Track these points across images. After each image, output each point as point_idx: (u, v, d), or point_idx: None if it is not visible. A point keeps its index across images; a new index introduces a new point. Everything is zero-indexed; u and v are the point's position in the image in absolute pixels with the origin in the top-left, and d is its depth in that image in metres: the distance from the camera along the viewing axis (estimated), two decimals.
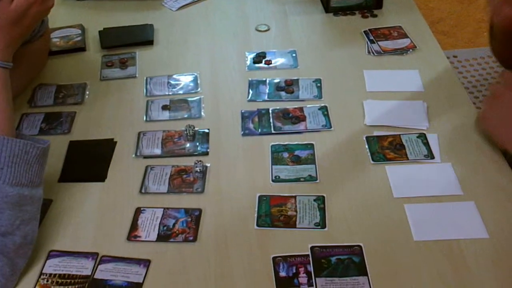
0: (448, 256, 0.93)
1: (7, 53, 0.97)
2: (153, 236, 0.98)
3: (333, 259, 0.93)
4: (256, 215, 1.01)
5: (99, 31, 1.50)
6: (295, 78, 1.32)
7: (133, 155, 1.14)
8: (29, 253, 0.92)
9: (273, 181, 1.08)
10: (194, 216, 1.01)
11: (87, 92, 1.31)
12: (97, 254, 0.95)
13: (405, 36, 1.44)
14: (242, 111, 1.24)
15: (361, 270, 0.91)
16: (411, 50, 1.39)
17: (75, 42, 1.47)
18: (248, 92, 1.29)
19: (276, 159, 1.12)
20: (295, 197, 1.04)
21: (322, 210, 1.01)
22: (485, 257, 0.93)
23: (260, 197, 1.04)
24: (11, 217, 0.88)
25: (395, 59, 1.37)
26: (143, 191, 1.07)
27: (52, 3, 1.06)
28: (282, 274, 0.91)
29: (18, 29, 0.99)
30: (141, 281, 0.91)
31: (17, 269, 0.90)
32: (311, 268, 0.92)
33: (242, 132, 1.19)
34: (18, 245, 0.89)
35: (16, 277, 0.91)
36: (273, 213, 1.01)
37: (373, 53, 1.39)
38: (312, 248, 0.95)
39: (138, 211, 1.03)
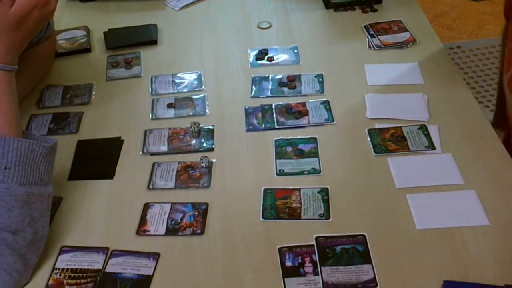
0: (450, 243, 0.96)
1: (9, 57, 0.99)
2: (162, 230, 1.01)
3: (338, 248, 0.95)
4: (261, 207, 1.04)
5: (104, 32, 1.52)
6: (297, 73, 1.34)
7: (140, 153, 1.17)
8: (40, 249, 0.95)
9: (277, 174, 1.10)
10: (201, 210, 1.04)
11: (94, 92, 1.34)
12: (107, 248, 0.98)
13: (405, 30, 1.46)
14: (246, 107, 1.26)
15: (365, 258, 0.93)
16: (411, 44, 1.41)
17: (81, 44, 1.50)
18: (251, 89, 1.31)
19: (280, 153, 1.14)
20: (299, 189, 1.06)
21: (326, 202, 1.04)
22: (486, 244, 0.95)
23: (265, 190, 1.07)
24: (21, 215, 0.91)
25: (395, 53, 1.40)
26: (150, 187, 1.09)
27: (53, 7, 1.07)
28: (288, 264, 0.94)
29: (20, 33, 1.00)
30: (151, 274, 0.94)
31: (29, 265, 0.93)
32: (316, 257, 0.94)
33: (246, 128, 1.21)
34: (29, 242, 0.92)
35: (29, 272, 0.93)
36: (278, 205, 1.04)
37: (373, 47, 1.41)
38: (317, 238, 0.97)
39: (147, 207, 1.05)
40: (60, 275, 0.94)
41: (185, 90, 1.33)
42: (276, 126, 1.21)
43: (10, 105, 0.97)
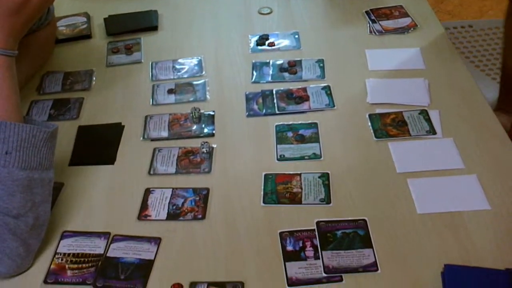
0: (451, 227, 0.96)
1: (9, 42, 0.98)
2: (163, 215, 1.01)
3: (339, 233, 0.95)
4: (262, 193, 1.04)
5: (104, 19, 1.52)
6: (298, 59, 1.34)
7: (141, 138, 1.17)
8: (42, 235, 0.95)
9: (278, 159, 1.10)
10: (202, 195, 1.04)
11: (94, 78, 1.34)
12: (109, 233, 0.98)
13: (406, 15, 1.45)
14: (246, 92, 1.26)
15: (366, 242, 0.94)
16: (412, 29, 1.41)
17: (81, 30, 1.49)
18: (252, 74, 1.31)
19: (281, 139, 1.14)
20: (300, 174, 1.07)
21: (327, 187, 1.04)
22: (487, 228, 0.95)
23: (266, 175, 1.07)
24: (23, 200, 0.91)
25: (396, 38, 1.39)
26: (151, 172, 1.10)
27: None
28: (289, 248, 0.94)
29: (20, 18, 1.00)
30: (152, 258, 0.94)
31: (31, 250, 0.93)
32: (317, 242, 0.94)
33: (246, 113, 1.21)
34: (31, 227, 0.92)
35: (31, 257, 0.93)
36: (279, 190, 1.04)
37: (374, 32, 1.41)
38: (318, 223, 0.97)
39: (148, 192, 1.05)
40: (62, 260, 0.94)
41: (185, 75, 1.32)
42: (277, 112, 1.21)
43: (10, 90, 0.96)
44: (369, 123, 1.16)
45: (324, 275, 0.89)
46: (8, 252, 0.89)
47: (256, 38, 1.42)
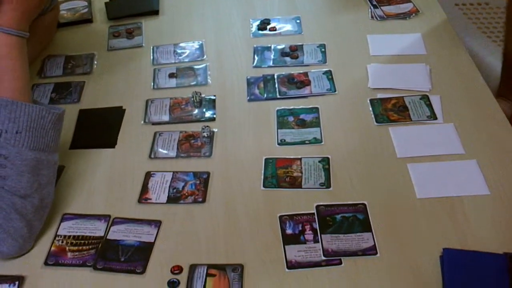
0: (450, 212, 0.96)
1: (23, 23, 0.99)
2: (163, 198, 1.01)
3: (338, 216, 0.96)
4: (262, 177, 1.04)
5: (105, 3, 1.52)
6: (300, 43, 1.33)
7: (142, 122, 1.17)
8: (45, 217, 0.96)
9: (279, 144, 1.11)
10: (203, 179, 1.04)
11: (95, 62, 1.34)
12: (109, 216, 0.99)
13: (407, 0, 1.45)
14: (248, 77, 1.26)
15: (366, 226, 0.94)
16: (414, 15, 1.41)
17: (82, 14, 1.49)
18: (253, 59, 1.31)
19: (282, 123, 1.14)
20: (300, 159, 1.07)
21: (327, 171, 1.04)
22: (486, 213, 0.96)
23: (266, 159, 1.07)
24: (30, 180, 0.92)
25: (398, 23, 1.39)
26: (152, 156, 1.10)
27: None
28: (289, 231, 0.94)
29: (34, 1, 1.01)
30: (152, 241, 0.94)
31: (33, 231, 0.94)
32: (316, 225, 0.94)
33: (248, 98, 1.21)
34: (36, 208, 0.93)
35: (32, 239, 0.94)
36: (279, 174, 1.04)
37: (376, 18, 1.40)
38: (317, 206, 0.97)
39: (148, 175, 1.06)
40: (62, 242, 0.95)
41: (186, 60, 1.32)
42: (278, 96, 1.20)
43: (22, 71, 0.97)
44: (370, 108, 1.16)
45: (323, 258, 0.90)
46: (13, 232, 0.90)
47: (257, 22, 1.41)
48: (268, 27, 1.39)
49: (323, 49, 1.31)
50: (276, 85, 1.23)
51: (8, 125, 0.91)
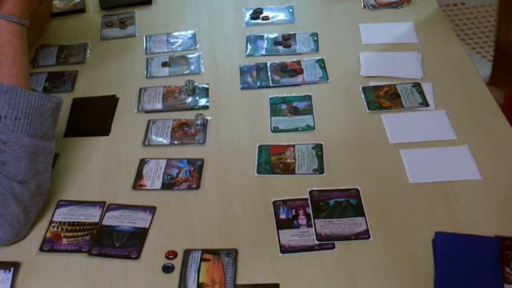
0: (442, 197, 0.97)
1: (25, 11, 1.00)
2: (158, 184, 1.02)
3: (331, 201, 0.97)
4: (256, 163, 1.05)
5: None
6: (292, 32, 1.34)
7: (135, 110, 1.18)
8: (41, 204, 0.96)
9: (272, 131, 1.11)
10: (197, 166, 1.05)
11: (88, 52, 1.34)
12: (104, 202, 0.99)
13: None
14: (241, 65, 1.26)
15: (359, 211, 0.95)
16: (406, 3, 1.41)
17: (75, 4, 1.49)
18: (246, 47, 1.31)
19: (275, 111, 1.15)
20: (293, 145, 1.07)
21: (320, 157, 1.05)
22: (477, 198, 0.97)
23: (260, 146, 1.08)
24: (28, 166, 0.93)
25: (390, 12, 1.39)
26: (146, 143, 1.10)
27: None
28: (282, 216, 0.95)
29: None
30: (147, 226, 0.95)
31: (30, 218, 0.94)
32: (310, 210, 0.95)
33: (241, 86, 1.22)
34: (33, 194, 0.94)
35: (28, 226, 0.95)
36: (273, 161, 1.05)
37: (368, 7, 1.41)
38: (310, 192, 0.98)
39: (143, 162, 1.06)
40: (57, 228, 0.95)
41: (179, 49, 1.33)
42: (271, 84, 1.21)
43: (22, 58, 0.98)
44: (363, 96, 1.16)
45: (317, 242, 0.91)
46: (10, 218, 0.91)
47: (250, 12, 1.42)
48: (261, 16, 1.40)
49: (315, 38, 1.32)
50: (269, 74, 1.23)
51: (7, 111, 0.91)
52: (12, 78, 0.94)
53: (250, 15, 1.41)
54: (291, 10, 1.41)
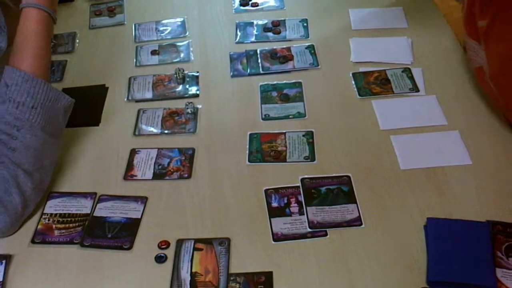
0: (434, 182, 0.97)
1: (53, 3, 1.01)
2: (149, 174, 1.02)
3: (323, 189, 0.97)
4: (247, 152, 1.04)
5: None
6: (282, 19, 1.33)
7: (125, 99, 1.17)
8: (39, 199, 0.96)
9: (263, 119, 1.11)
10: (188, 155, 1.04)
11: (77, 41, 1.33)
12: (95, 193, 0.99)
13: None
14: (231, 53, 1.26)
15: (350, 198, 0.95)
16: None
17: None
18: (236, 34, 1.31)
19: (265, 98, 1.15)
20: (284, 133, 1.07)
21: (311, 145, 1.05)
22: (468, 182, 0.97)
23: (250, 135, 1.07)
24: (35, 157, 0.93)
25: None
26: (136, 133, 1.10)
27: None
28: (274, 204, 0.95)
29: None
30: (139, 217, 0.95)
31: (27, 211, 0.94)
32: (301, 198, 0.95)
33: (231, 74, 1.21)
34: (35, 187, 0.94)
35: (21, 221, 0.94)
36: (264, 149, 1.05)
37: None
38: (302, 179, 0.98)
39: (133, 152, 1.06)
40: (48, 220, 0.95)
41: (168, 37, 1.32)
42: (261, 71, 1.21)
43: (46, 50, 0.99)
44: (353, 82, 1.16)
45: (309, 230, 0.91)
46: (10, 208, 0.91)
47: None
48: (250, 2, 1.39)
49: (305, 24, 1.31)
50: (259, 61, 1.23)
51: (26, 98, 0.93)
52: (34, 69, 0.96)
53: (240, 1, 1.40)
54: None
